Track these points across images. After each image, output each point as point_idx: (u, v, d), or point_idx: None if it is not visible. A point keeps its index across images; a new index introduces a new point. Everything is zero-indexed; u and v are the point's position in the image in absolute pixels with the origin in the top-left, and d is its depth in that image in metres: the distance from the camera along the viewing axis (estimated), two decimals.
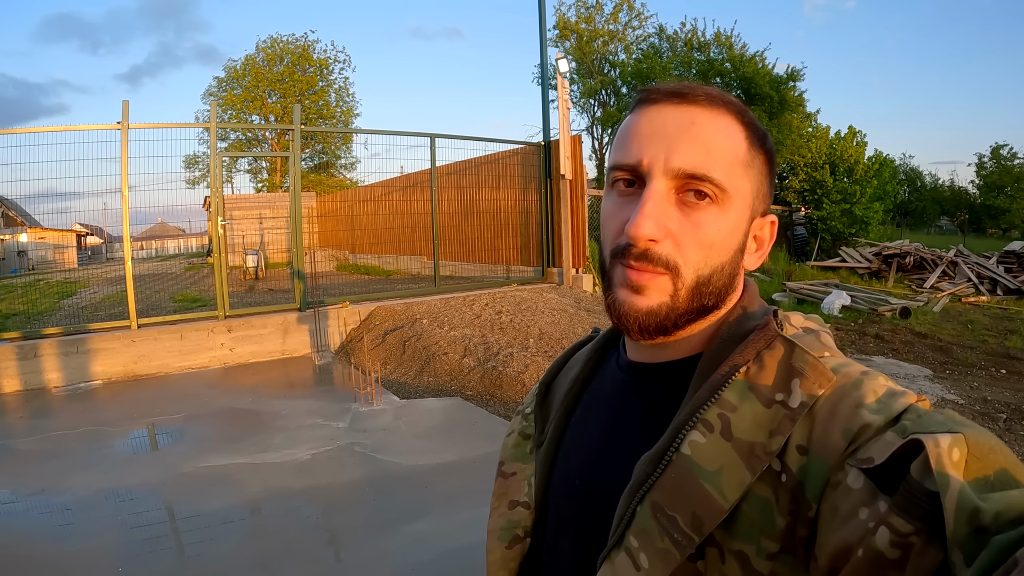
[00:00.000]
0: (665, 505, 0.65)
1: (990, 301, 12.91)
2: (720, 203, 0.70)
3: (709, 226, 0.70)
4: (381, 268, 16.27)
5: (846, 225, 19.95)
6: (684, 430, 0.66)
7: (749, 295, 0.78)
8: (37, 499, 4.43)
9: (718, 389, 0.66)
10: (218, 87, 38.84)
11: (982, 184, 39.14)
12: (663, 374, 0.77)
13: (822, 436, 0.60)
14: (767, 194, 0.76)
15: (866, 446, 0.57)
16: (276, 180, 37.69)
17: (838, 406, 0.61)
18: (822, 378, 0.63)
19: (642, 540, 0.65)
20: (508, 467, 0.93)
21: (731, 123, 0.72)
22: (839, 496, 0.57)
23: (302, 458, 4.99)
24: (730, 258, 0.73)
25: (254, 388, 7.27)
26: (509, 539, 0.88)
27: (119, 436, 5.76)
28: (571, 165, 11.45)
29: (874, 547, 0.51)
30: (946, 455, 0.51)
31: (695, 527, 0.62)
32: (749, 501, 0.62)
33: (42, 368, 7.46)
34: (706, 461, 0.64)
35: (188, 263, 24.62)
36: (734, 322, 0.73)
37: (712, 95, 0.72)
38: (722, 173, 0.70)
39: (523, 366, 6.97)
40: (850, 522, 0.54)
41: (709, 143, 0.70)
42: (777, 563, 0.61)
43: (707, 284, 0.72)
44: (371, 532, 3.85)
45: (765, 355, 0.67)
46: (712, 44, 25.32)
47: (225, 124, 33.53)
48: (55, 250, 23.08)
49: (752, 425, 0.63)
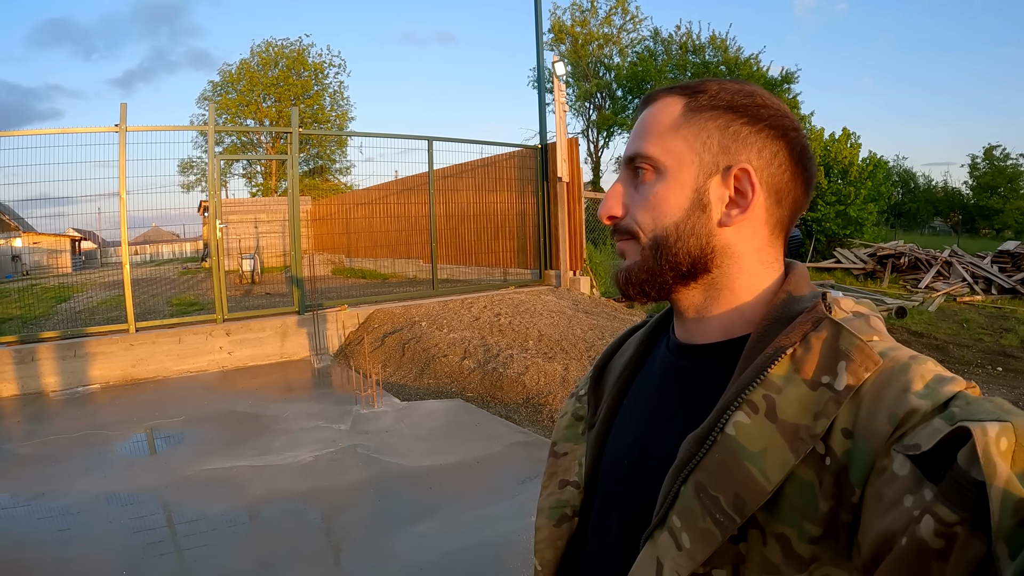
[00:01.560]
0: (708, 485, 0.65)
1: (985, 300, 12.98)
2: (656, 170, 0.77)
3: (648, 192, 0.77)
4: (378, 272, 16.24)
5: (841, 226, 20.00)
6: (729, 411, 0.66)
7: (796, 278, 0.77)
8: (37, 503, 4.40)
9: (763, 370, 0.66)
10: (213, 91, 38.83)
11: (975, 185, 39.32)
12: (710, 355, 0.78)
13: (867, 420, 0.60)
14: (731, 147, 0.75)
15: (913, 432, 0.56)
16: (271, 184, 37.66)
17: (884, 390, 0.60)
18: (868, 361, 0.62)
19: (685, 520, 0.65)
20: (560, 447, 0.95)
21: (671, 100, 0.79)
22: (884, 482, 0.56)
23: (304, 460, 4.97)
24: (682, 216, 0.76)
25: (254, 391, 7.25)
26: (558, 517, 0.89)
27: (119, 440, 5.72)
28: (568, 168, 11.48)
29: (918, 536, 0.51)
30: (994, 444, 0.50)
31: (737, 508, 0.62)
32: (792, 484, 0.62)
33: (40, 372, 7.42)
34: (750, 442, 0.63)
35: (183, 267, 24.57)
36: (781, 304, 0.73)
37: (670, 87, 0.81)
38: (651, 145, 0.77)
39: (523, 367, 6.96)
40: (895, 509, 0.54)
41: (645, 126, 0.79)
42: (819, 547, 0.61)
43: (665, 244, 0.76)
44: (376, 533, 3.84)
45: (812, 337, 0.66)
46: (707, 47, 25.43)
47: (223, 128, 33.52)
48: (50, 255, 23.00)
49: (797, 407, 0.63)
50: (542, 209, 11.93)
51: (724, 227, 0.76)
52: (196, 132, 21.33)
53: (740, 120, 0.76)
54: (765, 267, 0.78)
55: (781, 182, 0.76)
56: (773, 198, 0.76)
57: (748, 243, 0.77)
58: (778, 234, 0.79)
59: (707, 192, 0.75)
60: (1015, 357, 8.35)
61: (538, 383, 6.63)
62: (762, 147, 0.76)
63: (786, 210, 0.78)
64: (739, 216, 0.75)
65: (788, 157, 0.76)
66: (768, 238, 0.78)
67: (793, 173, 0.77)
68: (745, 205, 0.75)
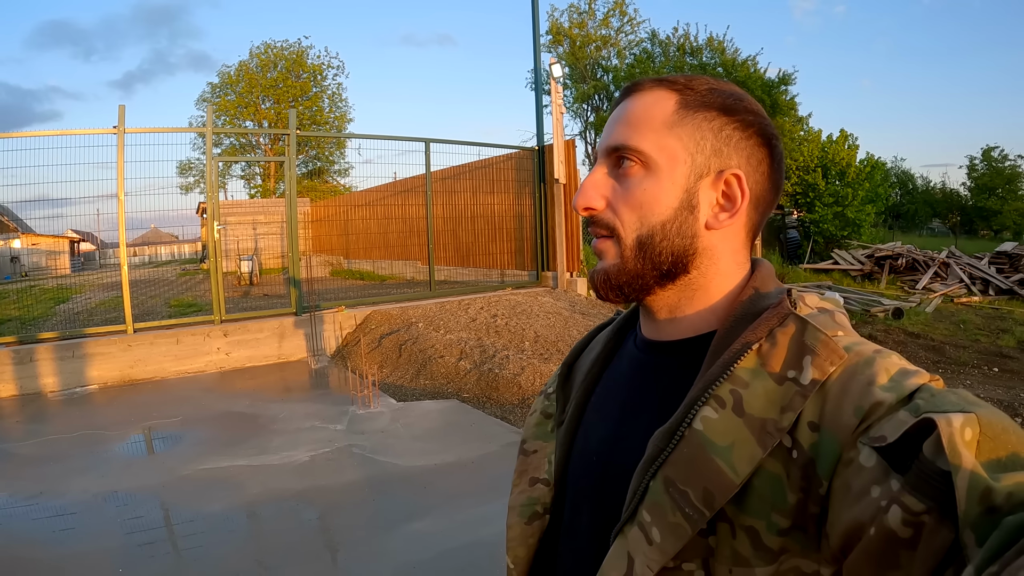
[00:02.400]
0: (677, 480, 0.65)
1: (982, 301, 13.00)
2: (646, 166, 0.76)
3: (635, 188, 0.76)
4: (375, 273, 16.27)
5: (838, 228, 20.04)
6: (697, 405, 0.67)
7: (762, 275, 0.79)
8: (36, 502, 4.43)
9: (730, 365, 0.67)
10: (212, 93, 38.86)
11: (973, 186, 39.35)
12: (678, 351, 0.79)
13: (833, 413, 0.60)
14: (723, 150, 0.76)
15: (878, 424, 0.57)
16: (270, 186, 37.66)
17: (850, 383, 0.61)
18: (833, 355, 0.63)
19: (655, 514, 0.66)
20: (529, 445, 0.95)
21: (662, 94, 0.78)
22: (851, 474, 0.57)
23: (301, 460, 5.01)
24: (670, 216, 0.75)
25: (251, 392, 7.27)
26: (529, 515, 0.90)
27: (117, 440, 5.75)
28: (565, 170, 11.49)
29: (886, 525, 0.52)
30: (958, 434, 0.51)
31: (706, 502, 0.63)
32: (760, 477, 0.63)
33: (38, 373, 7.45)
34: (718, 436, 0.64)
35: (182, 269, 24.57)
36: (747, 301, 0.74)
37: (658, 79, 0.79)
38: (641, 139, 0.76)
39: (519, 368, 7.00)
40: (862, 500, 0.55)
41: (632, 117, 0.78)
42: (788, 539, 0.62)
43: (650, 243, 0.76)
44: (371, 532, 3.87)
45: (777, 332, 0.67)
46: (704, 48, 25.46)
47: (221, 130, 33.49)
48: (48, 256, 23.00)
49: (764, 401, 0.64)
50: (539, 211, 11.96)
51: (711, 230, 0.76)
52: (195, 134, 21.37)
53: (733, 124, 0.76)
54: (738, 267, 0.79)
55: (763, 189, 0.78)
56: (754, 203, 0.78)
57: (728, 245, 0.78)
58: (751, 236, 0.80)
59: (697, 193, 0.76)
60: (1012, 358, 8.37)
61: (534, 384, 6.67)
62: (750, 153, 0.77)
63: (760, 215, 0.80)
64: (727, 220, 0.76)
65: (769, 165, 0.78)
66: (744, 240, 0.79)
67: (772, 181, 0.79)
68: (733, 210, 0.76)
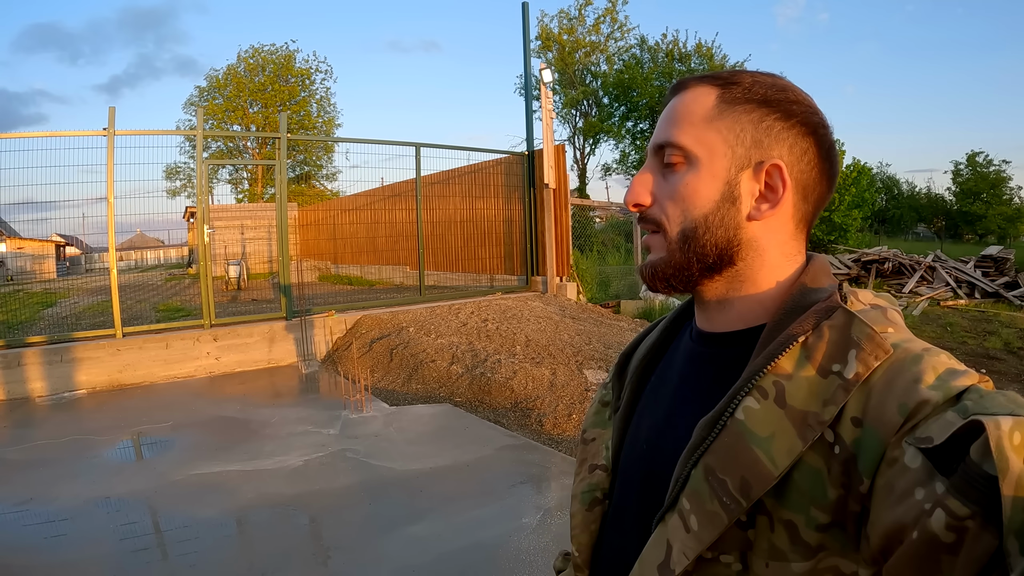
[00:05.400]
0: (717, 468, 0.66)
1: (968, 304, 13.09)
2: (688, 160, 0.77)
3: (679, 183, 0.77)
4: (364, 278, 16.23)
5: (825, 232, 20.18)
6: (740, 395, 0.67)
7: (815, 270, 0.78)
8: (25, 508, 4.38)
9: (774, 357, 0.67)
10: (200, 97, 38.67)
11: (958, 191, 39.59)
12: (729, 342, 0.79)
13: (877, 409, 0.60)
14: (764, 141, 0.76)
15: (925, 424, 0.56)
16: (257, 190, 37.51)
17: (895, 380, 0.61)
18: (879, 350, 0.63)
19: (693, 502, 0.66)
20: (589, 433, 0.97)
21: (704, 90, 0.79)
22: (895, 474, 0.56)
23: (294, 465, 4.98)
24: (712, 208, 0.76)
25: (242, 397, 7.23)
26: (589, 501, 0.90)
27: (106, 445, 5.70)
28: (554, 175, 11.53)
29: (929, 529, 0.51)
30: (1007, 438, 0.49)
31: (743, 491, 0.63)
32: (800, 470, 0.62)
33: (26, 377, 7.38)
34: (758, 427, 0.64)
35: (169, 274, 24.41)
36: (797, 294, 0.74)
37: (702, 76, 0.80)
38: (683, 134, 0.77)
39: (511, 372, 6.99)
40: (905, 501, 0.54)
41: (676, 115, 0.79)
42: (827, 536, 0.61)
43: (694, 236, 0.77)
44: (367, 536, 3.85)
45: (824, 326, 0.67)
46: (693, 55, 25.58)
47: (211, 133, 33.37)
48: (34, 260, 22.84)
49: (807, 394, 0.63)
50: (529, 215, 11.98)
51: (752, 221, 0.76)
52: (183, 137, 21.29)
53: (773, 115, 0.76)
54: (788, 260, 0.79)
55: (809, 178, 0.77)
56: (800, 194, 0.77)
57: (774, 237, 0.78)
58: (802, 228, 0.79)
59: (738, 185, 0.76)
60: (998, 359, 8.46)
61: (526, 387, 6.66)
62: (793, 143, 0.76)
63: (811, 205, 0.79)
64: (768, 211, 0.76)
65: (816, 154, 0.77)
66: (793, 232, 0.78)
67: (820, 170, 0.78)
68: (775, 200, 0.76)
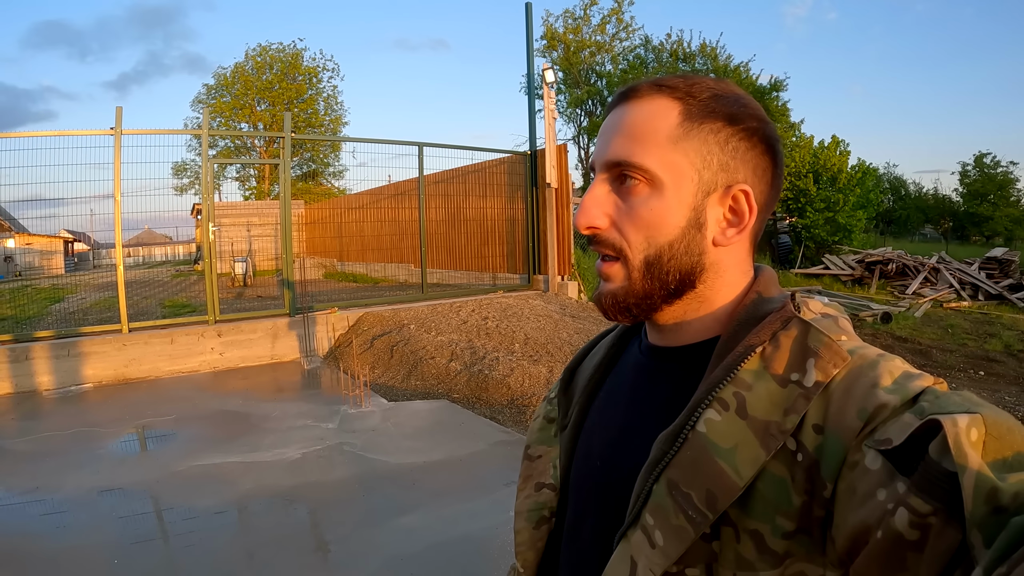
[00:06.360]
0: (680, 482, 0.65)
1: (971, 306, 13.14)
2: (651, 183, 0.73)
3: (641, 207, 0.73)
4: (368, 276, 16.35)
5: (829, 233, 20.17)
6: (700, 408, 0.67)
7: (765, 280, 0.78)
8: (31, 497, 4.51)
9: (734, 368, 0.67)
10: (207, 95, 38.89)
11: (965, 192, 39.44)
12: (682, 357, 0.78)
13: (837, 415, 0.60)
14: (730, 164, 0.74)
15: (883, 427, 0.57)
16: (264, 188, 37.71)
17: (853, 386, 0.61)
18: (837, 358, 0.64)
19: (658, 517, 0.66)
20: (534, 450, 0.96)
21: (664, 104, 0.74)
22: (857, 477, 0.57)
23: (292, 457, 5.10)
24: (678, 235, 0.73)
25: (244, 391, 7.36)
26: (536, 520, 0.90)
27: (111, 437, 5.84)
28: (557, 174, 11.60)
29: (893, 528, 0.52)
30: (964, 435, 0.50)
31: (709, 504, 0.63)
32: (764, 480, 0.63)
33: (33, 371, 7.52)
34: (721, 439, 0.64)
35: (176, 270, 24.58)
36: (751, 305, 0.74)
37: (656, 83, 0.75)
38: (645, 155, 0.72)
39: (509, 370, 7.09)
40: (868, 503, 0.55)
41: (633, 130, 0.74)
42: (793, 543, 0.61)
43: (658, 263, 0.74)
44: (361, 526, 3.97)
45: (781, 336, 0.67)
46: (697, 55, 25.60)
47: (216, 132, 33.59)
48: (42, 256, 23.05)
49: (767, 404, 0.64)
50: (531, 214, 12.06)
51: (718, 246, 0.75)
52: (190, 135, 21.43)
53: (738, 135, 0.74)
54: (743, 275, 0.78)
55: (767, 197, 0.77)
56: (761, 214, 0.76)
57: (734, 257, 0.77)
58: (754, 242, 0.79)
59: (705, 211, 0.74)
60: (998, 361, 8.50)
61: (523, 385, 6.77)
62: (756, 164, 0.75)
63: (762, 222, 0.78)
64: (734, 236, 0.75)
65: (772, 171, 0.77)
66: (748, 249, 0.78)
67: (773, 187, 0.77)
68: (742, 226, 0.75)
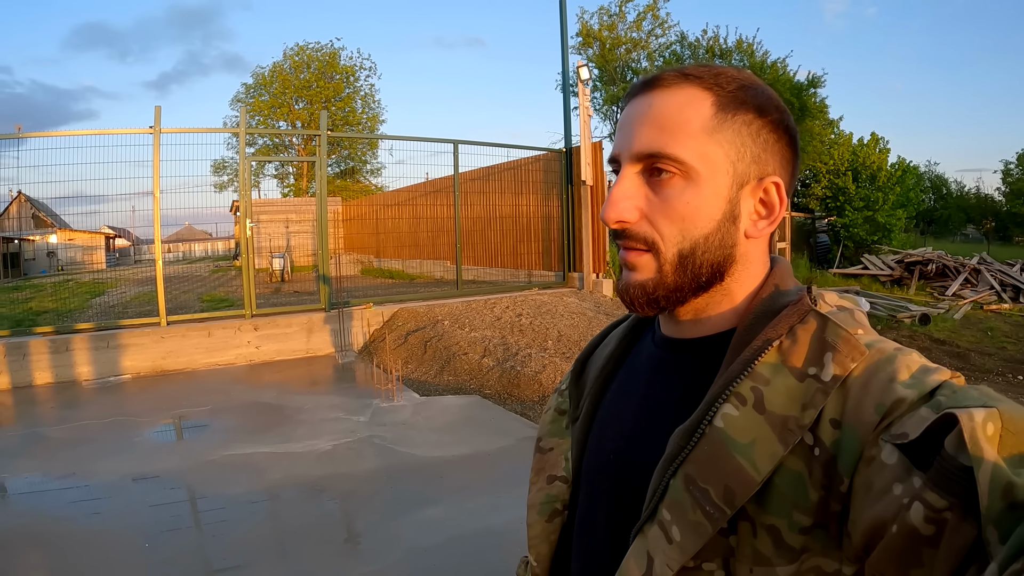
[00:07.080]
0: (698, 478, 0.65)
1: (1012, 308, 12.81)
2: (686, 175, 0.71)
3: (676, 199, 0.71)
4: (405, 272, 16.43)
5: (868, 232, 19.84)
6: (717, 403, 0.66)
7: (781, 273, 0.78)
8: (66, 483, 4.61)
9: (751, 362, 0.66)
10: (246, 93, 39.41)
11: (1008, 191, 38.53)
12: (698, 349, 0.77)
13: (855, 410, 0.60)
14: (761, 156, 0.73)
15: (900, 421, 0.57)
16: (303, 185, 38.10)
17: (871, 380, 0.61)
18: (855, 352, 0.63)
19: (675, 513, 0.66)
20: (545, 443, 0.95)
21: (694, 93, 0.72)
22: (873, 472, 0.56)
23: (323, 449, 5.15)
24: (713, 228, 0.72)
25: (278, 384, 7.46)
26: (549, 513, 0.89)
27: (147, 426, 5.95)
28: (592, 172, 11.55)
29: (908, 523, 0.51)
30: (980, 429, 0.50)
31: (727, 500, 0.62)
32: (782, 475, 0.62)
33: (73, 362, 7.71)
34: (739, 434, 0.64)
35: (215, 266, 24.96)
36: (768, 298, 0.73)
37: (682, 73, 0.73)
38: (679, 146, 0.70)
39: (541, 366, 7.09)
40: (884, 498, 0.54)
41: (664, 120, 0.71)
42: (809, 538, 0.61)
43: (692, 257, 0.72)
44: (387, 517, 3.99)
45: (798, 329, 0.66)
46: (734, 51, 25.28)
47: (254, 130, 34.01)
48: (84, 251, 23.57)
49: (785, 398, 0.63)
50: (566, 212, 12.04)
51: (749, 238, 0.75)
52: (229, 133, 21.71)
53: (767, 127, 0.73)
54: (763, 267, 0.78)
55: (791, 186, 0.76)
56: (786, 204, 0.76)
57: (760, 248, 0.77)
58: (773, 232, 0.78)
59: (739, 203, 0.73)
60: None
61: (554, 381, 6.75)
62: (782, 155, 0.75)
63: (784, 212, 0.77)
64: (766, 227, 0.75)
65: (794, 163, 0.76)
66: (769, 239, 0.78)
67: (794, 176, 0.77)
68: (772, 217, 0.74)
